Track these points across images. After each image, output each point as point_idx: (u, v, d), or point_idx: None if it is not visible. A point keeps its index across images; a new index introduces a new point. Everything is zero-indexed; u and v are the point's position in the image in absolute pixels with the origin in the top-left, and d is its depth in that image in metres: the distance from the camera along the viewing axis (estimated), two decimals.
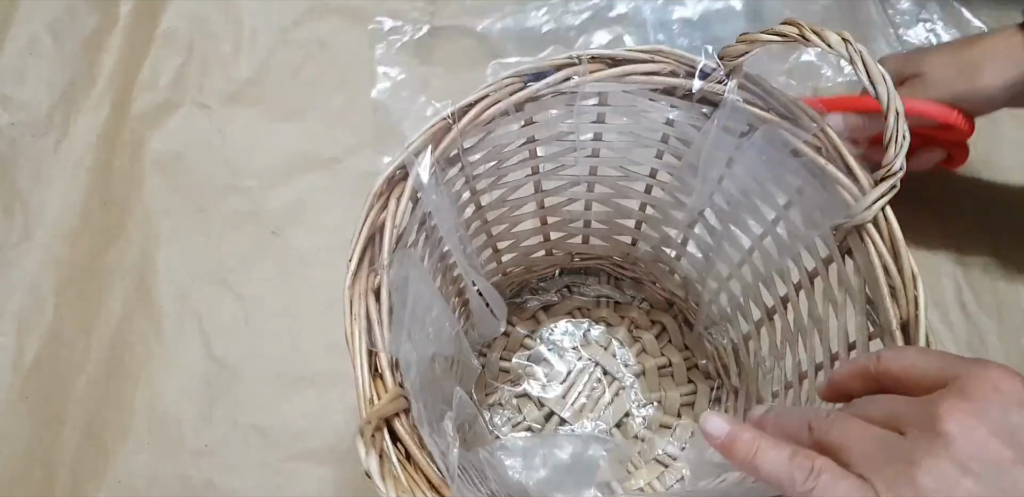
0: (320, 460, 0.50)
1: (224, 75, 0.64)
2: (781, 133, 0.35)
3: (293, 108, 0.63)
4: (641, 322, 0.55)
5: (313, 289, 0.56)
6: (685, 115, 0.37)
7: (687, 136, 0.39)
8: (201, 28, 0.66)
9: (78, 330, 0.54)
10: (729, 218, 0.42)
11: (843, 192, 0.33)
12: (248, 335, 0.54)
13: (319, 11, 0.66)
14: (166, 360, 0.54)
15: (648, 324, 0.55)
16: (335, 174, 0.60)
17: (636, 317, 0.55)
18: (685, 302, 0.53)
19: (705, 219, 0.45)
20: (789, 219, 0.38)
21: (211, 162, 0.61)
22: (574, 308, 0.56)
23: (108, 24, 0.65)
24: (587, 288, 0.57)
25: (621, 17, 0.66)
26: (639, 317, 0.55)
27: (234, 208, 0.59)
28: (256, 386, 0.53)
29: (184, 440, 0.51)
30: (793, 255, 0.39)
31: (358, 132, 0.62)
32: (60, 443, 0.51)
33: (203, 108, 0.63)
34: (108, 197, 0.59)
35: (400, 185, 0.34)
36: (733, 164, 0.39)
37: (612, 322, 0.55)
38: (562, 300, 0.56)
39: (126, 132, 0.61)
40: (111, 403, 0.52)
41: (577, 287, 0.57)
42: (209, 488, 0.50)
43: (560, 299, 0.56)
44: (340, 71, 0.64)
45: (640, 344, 0.54)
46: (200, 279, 0.56)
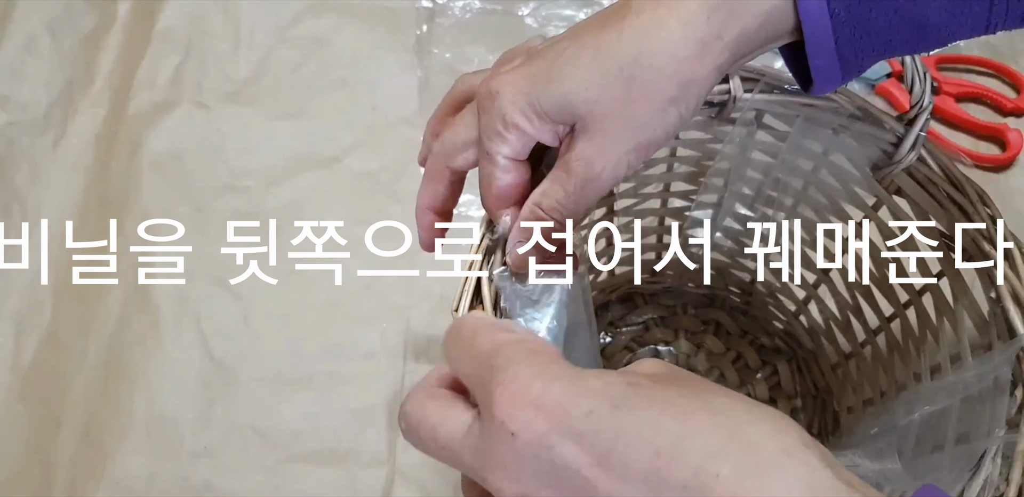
0: (319, 461, 0.50)
1: (222, 74, 0.64)
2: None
3: (292, 107, 0.63)
4: (695, 327, 0.55)
5: (313, 290, 0.55)
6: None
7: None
8: (199, 27, 0.65)
9: (76, 331, 0.54)
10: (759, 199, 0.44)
11: (879, 138, 0.35)
12: (247, 336, 0.54)
13: (317, 9, 0.66)
14: (164, 361, 0.53)
15: (701, 326, 0.55)
16: (334, 173, 0.60)
17: (689, 325, 0.55)
18: (725, 290, 0.53)
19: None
20: (821, 180, 0.40)
21: (209, 161, 0.60)
22: (629, 341, 0.55)
23: (106, 23, 0.64)
24: (632, 316, 0.55)
25: None
26: (691, 323, 0.55)
27: (233, 207, 0.59)
28: (255, 387, 0.53)
29: (182, 441, 0.51)
30: (837, 212, 0.41)
31: (357, 131, 0.61)
32: (58, 444, 0.50)
33: (201, 107, 0.62)
34: (106, 196, 0.59)
35: None
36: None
37: (668, 338, 0.54)
38: (615, 337, 0.55)
39: (124, 131, 0.61)
40: (109, 404, 0.52)
41: (621, 320, 0.55)
42: (207, 489, 0.49)
43: (612, 338, 0.55)
44: (339, 69, 0.64)
45: (704, 348, 0.54)
46: (199, 279, 0.56)
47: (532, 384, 0.22)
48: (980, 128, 0.59)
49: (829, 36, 0.26)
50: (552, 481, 0.22)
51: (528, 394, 0.22)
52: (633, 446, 0.21)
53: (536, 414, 0.22)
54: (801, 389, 0.52)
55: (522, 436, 0.22)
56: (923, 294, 0.39)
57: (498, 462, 0.22)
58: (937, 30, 0.26)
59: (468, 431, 0.24)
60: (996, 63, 0.62)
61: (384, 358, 0.53)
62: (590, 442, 0.21)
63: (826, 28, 0.26)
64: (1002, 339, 0.32)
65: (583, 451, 0.21)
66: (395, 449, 0.51)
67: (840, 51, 0.26)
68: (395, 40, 0.65)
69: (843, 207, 0.41)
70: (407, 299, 0.55)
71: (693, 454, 0.21)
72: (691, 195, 0.46)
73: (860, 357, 0.46)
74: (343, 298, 0.55)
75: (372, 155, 0.60)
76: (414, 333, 0.54)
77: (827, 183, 0.40)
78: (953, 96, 0.61)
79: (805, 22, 0.26)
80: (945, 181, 0.35)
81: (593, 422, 0.22)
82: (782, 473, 0.20)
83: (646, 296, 0.56)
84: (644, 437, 0.21)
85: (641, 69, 0.26)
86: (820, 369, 0.51)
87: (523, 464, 0.22)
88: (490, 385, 0.23)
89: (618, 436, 0.21)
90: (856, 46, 0.26)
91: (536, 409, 0.22)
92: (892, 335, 0.43)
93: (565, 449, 0.22)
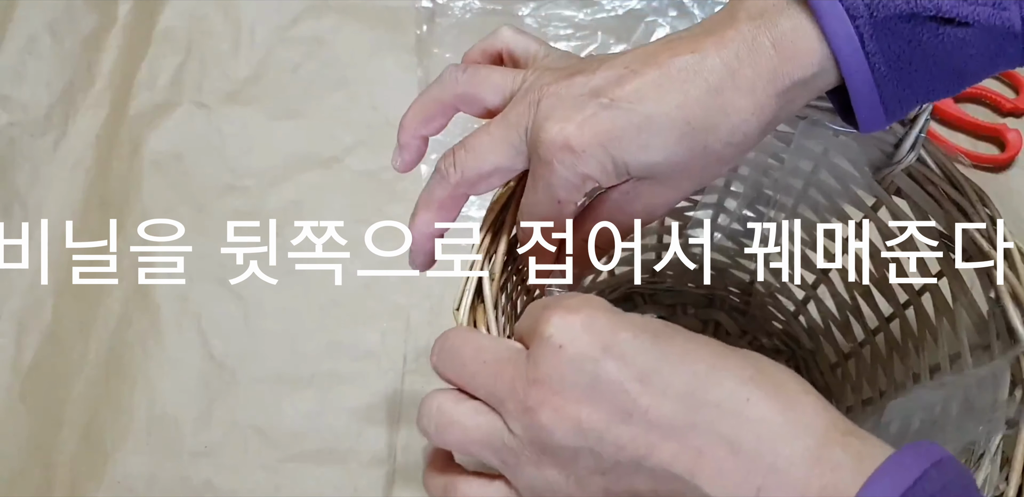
0: (319, 461, 0.50)
1: (223, 74, 0.64)
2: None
3: (292, 107, 0.63)
4: (695, 327, 0.54)
5: (313, 290, 0.55)
6: None
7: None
8: (199, 27, 0.65)
9: (76, 331, 0.54)
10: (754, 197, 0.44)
11: (879, 139, 0.35)
12: (247, 336, 0.54)
13: (317, 9, 0.66)
14: (165, 361, 0.54)
15: (701, 326, 0.55)
16: (334, 173, 0.60)
17: (689, 325, 0.54)
18: (725, 290, 0.53)
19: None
20: (820, 181, 0.40)
21: (210, 161, 0.60)
22: None
23: (107, 23, 0.64)
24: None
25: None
26: (691, 323, 0.55)
27: (233, 207, 0.59)
28: (255, 387, 0.53)
29: (183, 441, 0.51)
30: (837, 212, 0.41)
31: (357, 131, 0.61)
32: (59, 444, 0.50)
33: (202, 107, 0.63)
34: (106, 196, 0.59)
35: None
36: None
37: None
38: None
39: (125, 131, 0.61)
40: (110, 404, 0.52)
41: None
42: (208, 488, 0.50)
43: None
44: (339, 69, 0.64)
45: None
46: (199, 279, 0.56)
47: (582, 308, 0.25)
48: (979, 128, 0.60)
49: (874, 93, 0.27)
50: (592, 394, 0.24)
51: (578, 315, 0.24)
52: (674, 367, 0.24)
53: (584, 331, 0.24)
54: None
55: (569, 349, 0.24)
56: (922, 294, 0.39)
57: (542, 374, 0.24)
58: (975, 75, 0.27)
59: (515, 353, 0.26)
60: None
61: (384, 358, 0.54)
62: (632, 361, 0.24)
63: (871, 87, 0.27)
64: (1001, 339, 0.32)
65: (626, 367, 0.24)
66: (395, 449, 0.51)
67: (885, 105, 0.27)
68: (395, 40, 0.65)
69: (843, 207, 0.41)
70: (407, 299, 0.55)
71: (727, 380, 0.23)
72: (692, 195, 0.46)
73: (859, 357, 0.46)
74: (343, 298, 0.55)
75: (372, 155, 0.60)
76: (414, 333, 0.54)
77: (827, 183, 0.40)
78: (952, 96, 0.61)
79: (849, 83, 0.27)
80: (944, 181, 0.35)
81: (636, 345, 0.24)
82: (803, 405, 0.23)
83: (646, 296, 0.56)
84: (684, 362, 0.24)
85: (721, 145, 0.29)
86: (819, 369, 0.51)
87: (565, 376, 0.24)
88: (542, 312, 0.25)
89: (660, 358, 0.24)
90: (900, 98, 0.27)
91: (584, 327, 0.24)
92: (891, 335, 0.43)
93: (609, 364, 0.24)
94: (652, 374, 0.23)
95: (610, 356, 0.24)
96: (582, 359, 0.24)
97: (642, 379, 0.23)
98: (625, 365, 0.23)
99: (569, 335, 0.24)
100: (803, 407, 0.23)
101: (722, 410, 0.23)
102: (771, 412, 0.22)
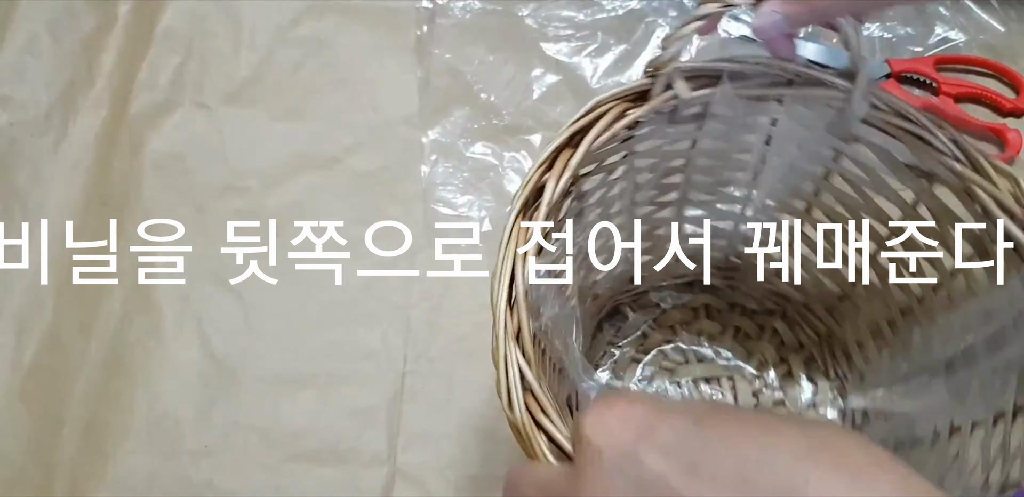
0: (320, 460, 0.50)
1: (223, 74, 0.64)
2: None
3: (292, 107, 0.63)
4: (687, 318, 0.55)
5: (313, 290, 0.55)
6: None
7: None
8: (200, 27, 0.65)
9: (77, 331, 0.54)
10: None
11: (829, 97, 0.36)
12: (247, 336, 0.54)
13: (318, 10, 0.66)
14: (165, 360, 0.54)
15: (692, 314, 0.55)
16: (334, 173, 0.60)
17: (680, 317, 0.55)
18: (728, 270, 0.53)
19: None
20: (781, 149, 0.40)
21: (210, 162, 0.60)
22: (634, 352, 0.54)
23: (107, 24, 0.64)
24: (626, 329, 0.55)
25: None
26: (682, 315, 0.55)
27: (233, 207, 0.59)
28: (256, 387, 0.53)
29: (183, 440, 0.51)
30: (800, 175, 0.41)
31: (357, 131, 0.61)
32: (59, 443, 0.50)
33: (202, 108, 0.63)
34: (106, 196, 0.59)
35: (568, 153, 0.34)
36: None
37: (668, 337, 0.54)
38: (619, 353, 0.54)
39: (125, 132, 0.61)
40: (110, 403, 0.52)
41: (617, 334, 0.55)
42: (208, 488, 0.50)
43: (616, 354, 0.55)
44: (339, 70, 0.64)
45: (704, 333, 0.54)
46: (199, 279, 0.56)
47: (617, 403, 0.24)
48: (979, 128, 0.60)
49: None
50: (639, 493, 0.22)
51: (613, 410, 0.23)
52: (721, 455, 0.22)
53: (622, 428, 0.23)
54: (805, 339, 0.53)
55: (608, 451, 0.23)
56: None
57: (587, 482, 0.23)
58: None
59: (561, 476, 0.25)
60: (995, 63, 0.62)
61: (384, 358, 0.54)
62: (676, 454, 0.22)
63: None
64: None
65: (670, 463, 0.22)
66: (395, 449, 0.51)
67: None
68: (395, 40, 0.65)
69: (805, 166, 0.41)
70: (407, 299, 0.55)
71: (782, 459, 0.21)
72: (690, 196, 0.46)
73: (854, 295, 0.46)
74: (343, 298, 0.55)
75: (372, 155, 0.60)
76: (414, 333, 0.54)
77: (786, 149, 0.41)
78: (952, 96, 0.61)
79: None
80: (897, 116, 0.35)
81: (678, 436, 0.22)
82: (873, 480, 0.20)
83: (631, 304, 0.55)
84: (731, 448, 0.22)
85: None
86: (816, 315, 0.51)
87: (611, 480, 0.22)
88: (580, 416, 0.24)
89: (704, 447, 0.22)
90: None
91: (622, 422, 0.23)
92: (881, 269, 0.43)
93: (651, 460, 0.22)
94: (698, 466, 0.22)
95: (650, 449, 0.22)
96: (622, 460, 0.22)
97: (688, 472, 0.22)
98: (666, 457, 0.22)
99: (606, 434, 0.23)
100: (873, 481, 0.20)
101: (778, 494, 0.21)
102: (834, 490, 0.20)
